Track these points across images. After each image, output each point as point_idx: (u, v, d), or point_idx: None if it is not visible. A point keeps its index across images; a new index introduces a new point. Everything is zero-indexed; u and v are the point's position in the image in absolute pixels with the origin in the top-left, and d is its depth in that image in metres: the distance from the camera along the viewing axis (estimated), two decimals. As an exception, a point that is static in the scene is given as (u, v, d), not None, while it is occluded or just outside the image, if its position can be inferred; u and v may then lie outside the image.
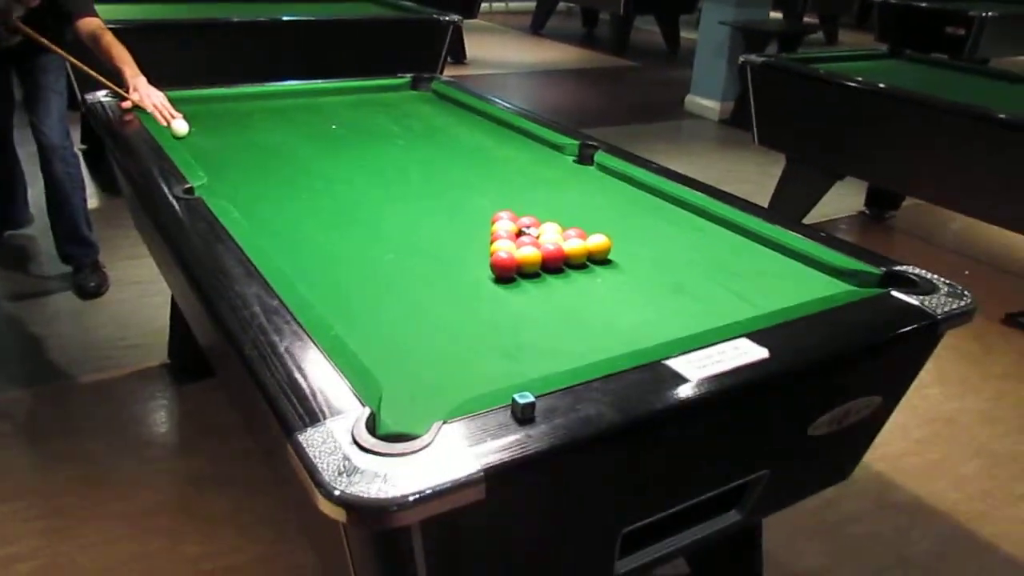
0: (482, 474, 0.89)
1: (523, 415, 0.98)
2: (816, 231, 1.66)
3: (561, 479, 1.03)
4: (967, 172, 3.09)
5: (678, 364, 1.12)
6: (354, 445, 0.92)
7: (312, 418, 0.96)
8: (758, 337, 1.21)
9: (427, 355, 1.20)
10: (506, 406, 1.00)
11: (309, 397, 1.00)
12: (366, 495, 0.85)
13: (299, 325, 1.17)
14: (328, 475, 0.87)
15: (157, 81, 2.31)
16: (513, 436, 0.95)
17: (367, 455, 0.90)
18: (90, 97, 2.29)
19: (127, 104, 2.23)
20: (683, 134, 5.75)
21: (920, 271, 1.47)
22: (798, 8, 8.25)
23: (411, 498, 0.85)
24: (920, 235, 4.06)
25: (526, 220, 1.60)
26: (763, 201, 3.85)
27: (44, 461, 2.13)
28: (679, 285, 1.46)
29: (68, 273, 3.03)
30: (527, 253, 1.45)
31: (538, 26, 9.38)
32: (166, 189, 1.67)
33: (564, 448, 0.95)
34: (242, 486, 2.06)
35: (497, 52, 8.20)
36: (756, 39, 5.62)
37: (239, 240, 1.44)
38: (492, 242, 1.52)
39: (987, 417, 2.58)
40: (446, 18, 4.17)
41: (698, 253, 1.61)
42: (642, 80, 7.43)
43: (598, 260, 1.53)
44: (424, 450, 0.92)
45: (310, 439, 0.92)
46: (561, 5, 9.56)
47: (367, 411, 0.98)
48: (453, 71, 6.80)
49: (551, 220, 1.61)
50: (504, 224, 1.57)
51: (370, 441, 0.92)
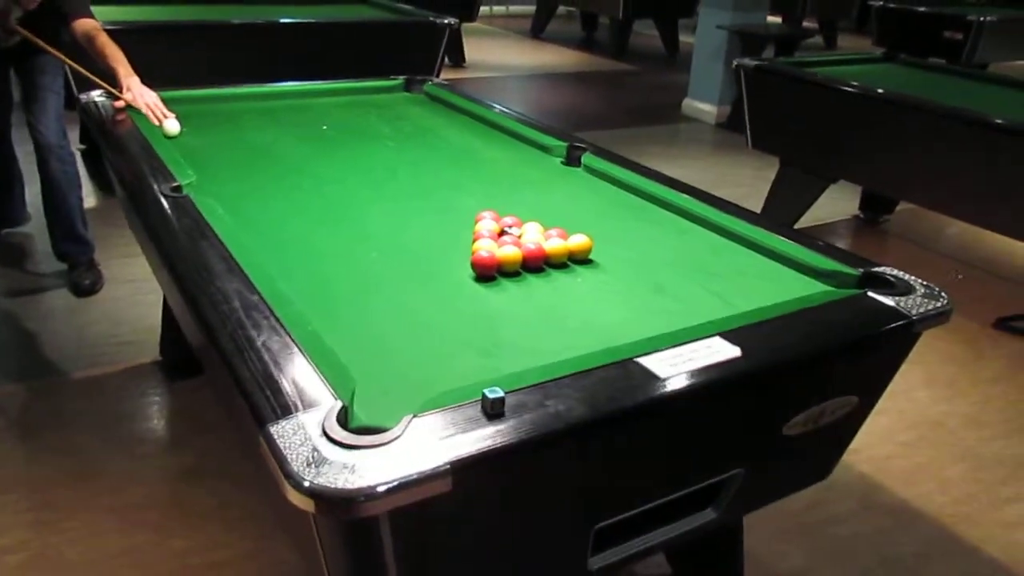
0: (448, 467, 0.91)
1: (492, 409, 0.99)
2: (797, 233, 1.67)
3: (530, 473, 1.05)
4: (961, 177, 3.10)
5: (650, 362, 1.14)
6: (324, 437, 0.93)
7: (285, 411, 0.98)
8: (732, 336, 1.22)
9: (405, 351, 1.21)
10: (477, 401, 1.02)
11: (283, 390, 1.02)
12: (333, 485, 0.86)
13: (277, 320, 1.18)
14: (297, 466, 0.89)
15: (156, 82, 2.33)
16: (481, 430, 0.97)
17: (336, 447, 0.92)
18: (84, 97, 2.32)
19: (120, 104, 2.25)
20: (680, 138, 5.77)
21: (898, 272, 1.49)
22: (797, 12, 8.27)
23: (378, 489, 0.87)
24: (914, 239, 4.07)
25: (508, 220, 1.61)
26: (757, 205, 3.87)
27: (35, 455, 2.15)
28: (659, 285, 1.48)
29: (64, 270, 3.05)
30: (508, 252, 1.47)
31: (538, 30, 9.41)
32: (155, 187, 1.69)
33: (531, 442, 0.97)
34: (230, 482, 2.08)
35: (496, 55, 8.23)
36: (753, 43, 5.64)
37: (223, 237, 1.46)
38: (474, 241, 1.54)
39: (974, 420, 2.59)
40: (442, 21, 4.19)
41: (680, 254, 1.63)
42: (640, 84, 7.45)
43: (580, 260, 1.54)
44: (393, 442, 0.94)
45: (281, 431, 0.94)
46: (561, 9, 9.60)
47: (339, 404, 1.00)
48: (452, 74, 6.83)
49: (534, 220, 1.63)
50: (487, 224, 1.59)
51: (340, 433, 0.94)
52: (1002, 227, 3.10)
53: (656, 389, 1.09)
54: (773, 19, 7.33)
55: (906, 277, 1.47)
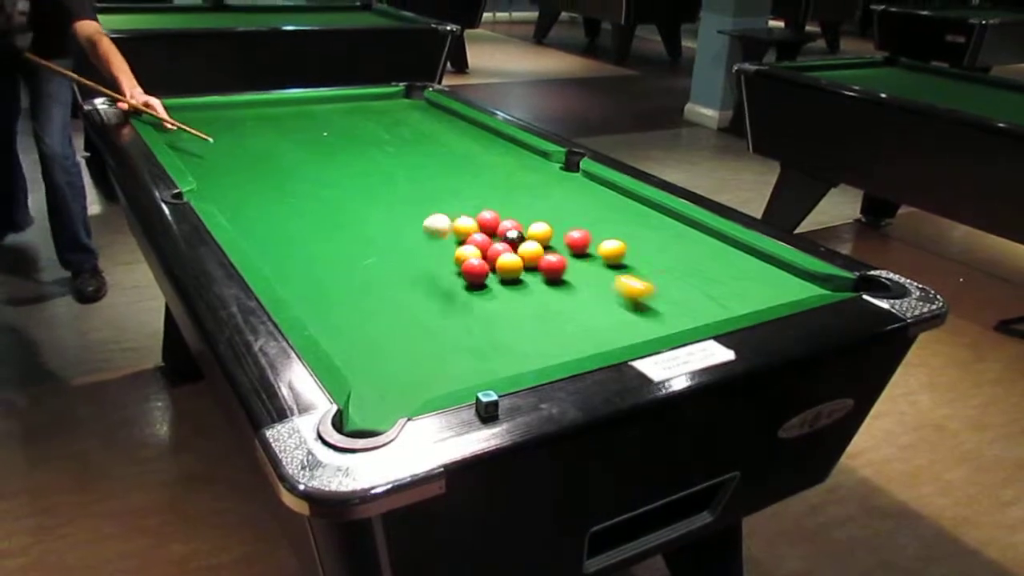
0: (442, 469, 0.91)
1: (486, 413, 1.00)
2: (794, 237, 1.68)
3: (525, 477, 1.06)
4: (962, 180, 3.10)
5: (644, 365, 1.14)
6: (319, 440, 0.94)
7: (280, 415, 0.99)
8: (727, 340, 1.23)
9: (401, 355, 1.22)
10: (471, 404, 1.02)
11: (279, 394, 1.03)
12: (328, 488, 0.87)
13: (274, 325, 1.19)
14: (292, 469, 0.90)
15: (157, 90, 2.35)
16: (475, 433, 0.97)
17: (331, 450, 0.93)
18: (87, 104, 2.34)
19: (124, 105, 2.26)
20: (682, 142, 5.77)
21: (893, 275, 1.49)
22: (799, 16, 8.28)
23: (372, 491, 0.88)
24: (916, 243, 4.07)
25: (508, 223, 1.62)
26: (759, 209, 3.87)
27: (37, 460, 2.16)
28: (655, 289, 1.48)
29: (67, 277, 3.07)
30: (507, 259, 1.48)
31: (540, 35, 9.43)
32: (156, 193, 1.71)
33: (525, 446, 0.98)
34: (229, 487, 2.09)
35: (499, 61, 8.26)
36: (754, 48, 5.65)
37: (222, 243, 1.47)
38: (462, 244, 1.55)
39: (976, 423, 2.58)
40: (444, 28, 4.21)
41: (677, 258, 1.63)
42: (643, 89, 7.46)
43: (613, 265, 1.57)
44: (387, 446, 0.94)
45: (277, 434, 0.95)
46: (563, 15, 9.62)
47: (335, 408, 1.01)
48: (455, 80, 6.85)
49: (533, 224, 1.63)
50: (480, 232, 1.60)
51: (335, 436, 0.95)
52: (1004, 230, 3.10)
53: (651, 392, 1.09)
54: (775, 23, 7.34)
55: (901, 280, 1.47)
